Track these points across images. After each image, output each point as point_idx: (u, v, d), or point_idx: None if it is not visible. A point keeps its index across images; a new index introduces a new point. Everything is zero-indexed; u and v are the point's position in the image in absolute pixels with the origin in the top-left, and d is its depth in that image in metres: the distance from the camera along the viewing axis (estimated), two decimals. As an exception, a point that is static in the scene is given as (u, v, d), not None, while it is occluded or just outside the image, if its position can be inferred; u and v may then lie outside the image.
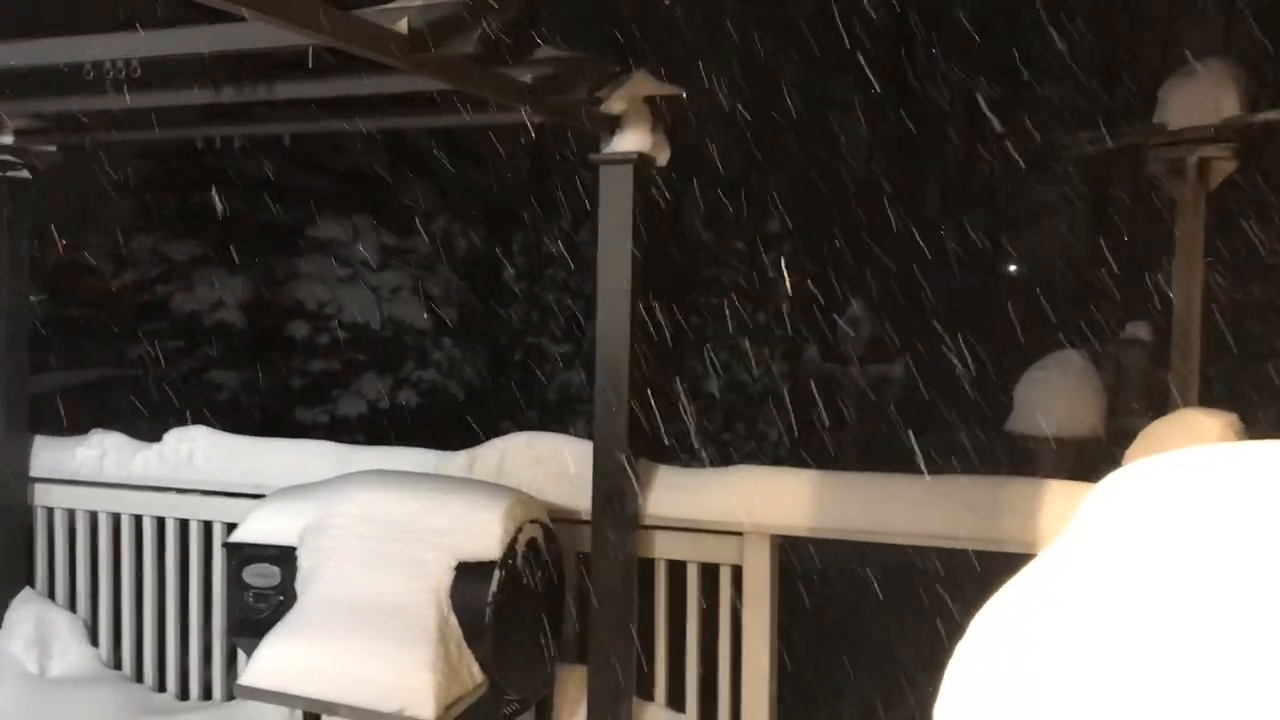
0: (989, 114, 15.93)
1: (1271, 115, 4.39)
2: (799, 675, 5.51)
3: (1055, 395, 6.13)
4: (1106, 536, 1.92)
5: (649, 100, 3.77)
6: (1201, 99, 4.44)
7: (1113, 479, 2.09)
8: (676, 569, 4.06)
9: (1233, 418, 3.52)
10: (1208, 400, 4.30)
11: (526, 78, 3.21)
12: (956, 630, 1.98)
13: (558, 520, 3.94)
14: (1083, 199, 17.00)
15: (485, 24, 2.91)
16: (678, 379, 14.00)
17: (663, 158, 3.83)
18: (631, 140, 3.68)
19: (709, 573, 4.02)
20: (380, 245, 11.98)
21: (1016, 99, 16.70)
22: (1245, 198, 11.09)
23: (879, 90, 16.19)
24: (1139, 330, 7.94)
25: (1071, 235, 16.93)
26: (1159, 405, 4.54)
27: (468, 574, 3.43)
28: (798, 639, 5.85)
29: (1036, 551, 2.23)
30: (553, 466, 4.17)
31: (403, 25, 2.55)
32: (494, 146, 13.97)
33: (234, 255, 10.98)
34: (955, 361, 11.69)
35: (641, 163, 3.70)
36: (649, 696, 4.08)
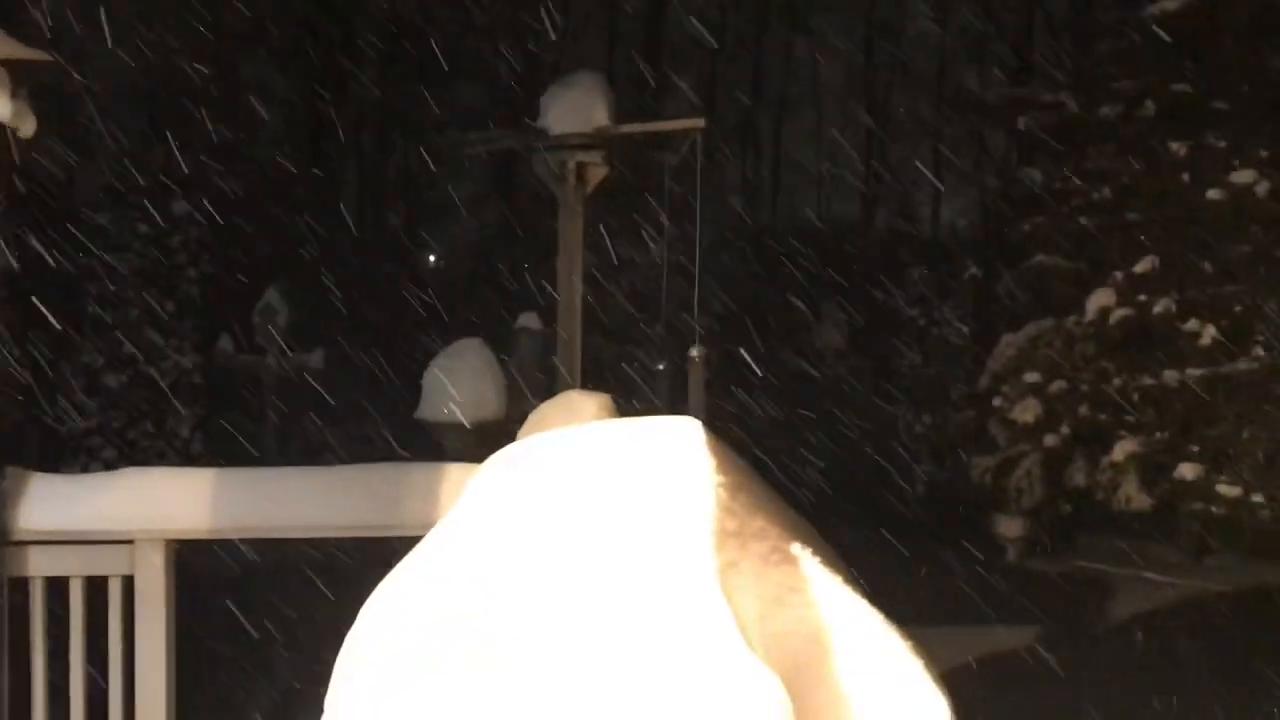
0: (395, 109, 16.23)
1: (635, 128, 4.94)
2: (208, 685, 5.26)
3: (458, 381, 6.44)
4: (480, 513, 2.02)
5: (10, 64, 3.36)
6: (577, 108, 4.87)
7: (493, 459, 2.21)
8: (58, 586, 3.68)
9: (606, 398, 3.87)
10: (590, 382, 4.74)
11: None
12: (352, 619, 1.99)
13: (-97, 544, 3.40)
14: (489, 196, 17.93)
15: None
16: (72, 375, 12.74)
17: (27, 128, 3.42)
18: (-16, 107, 3.25)
19: (97, 587, 3.69)
20: None
21: (428, 97, 17.17)
22: (625, 202, 12.36)
23: (298, 77, 15.87)
24: (530, 320, 8.60)
25: (481, 229, 17.78)
26: (550, 387, 4.94)
27: None
28: (208, 646, 5.58)
29: (422, 535, 2.29)
30: (-103, 482, 3.59)
31: None
32: None
33: None
34: (372, 350, 11.78)
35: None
36: (27, 730, 3.67)
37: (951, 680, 1.77)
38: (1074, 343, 11.79)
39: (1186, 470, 10.20)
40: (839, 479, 12.18)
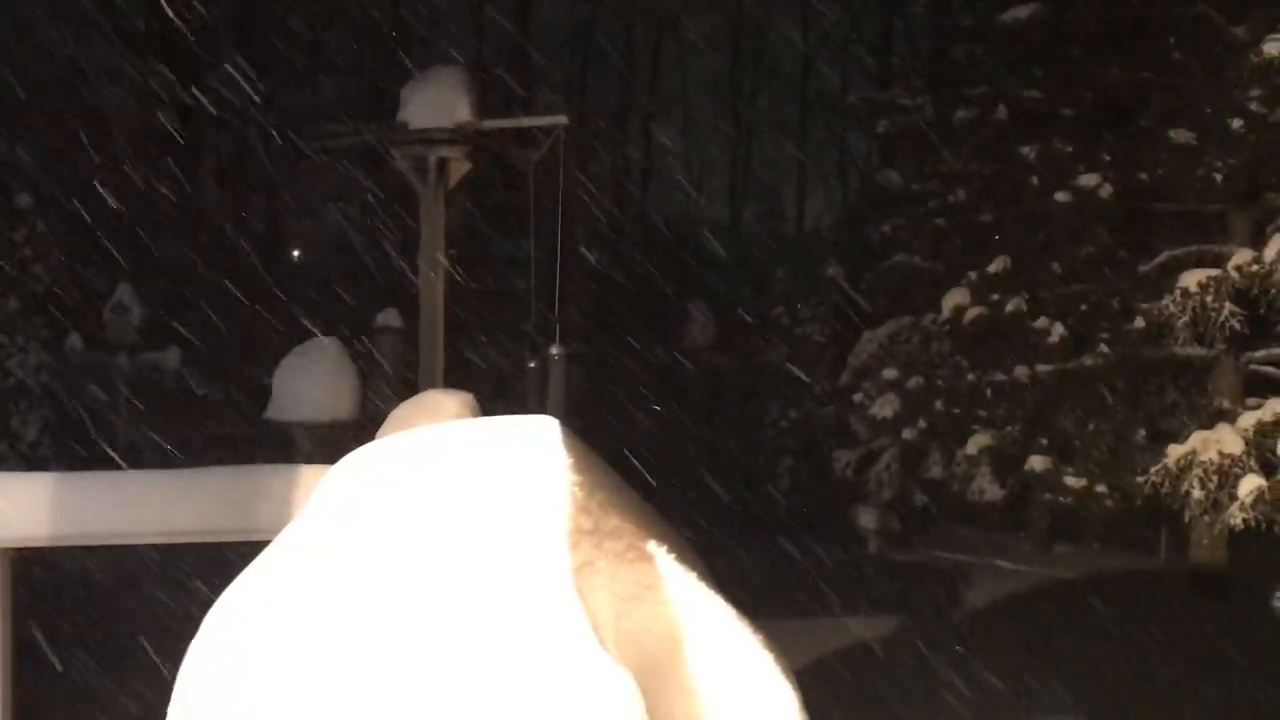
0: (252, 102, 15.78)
1: (497, 124, 4.88)
2: (49, 699, 5.04)
3: (311, 381, 6.26)
4: (330, 517, 1.97)
5: None
6: (438, 102, 4.79)
7: (345, 460, 2.16)
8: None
9: (469, 397, 3.82)
10: (453, 380, 4.67)
11: None
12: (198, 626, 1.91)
13: None
14: (353, 191, 17.56)
15: None
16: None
17: None
18: None
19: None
20: None
21: (286, 91, 16.76)
22: (487, 197, 12.25)
23: (154, 69, 15.30)
24: (390, 318, 8.44)
25: (343, 225, 17.40)
26: (411, 386, 4.84)
27: None
28: (48, 658, 5.34)
29: (273, 539, 2.22)
30: None
31: None
32: None
33: None
34: (229, 348, 11.43)
35: None
36: None
37: (812, 671, 1.80)
38: (930, 340, 12.14)
39: (1036, 462, 10.59)
40: (704, 474, 12.32)
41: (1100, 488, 10.18)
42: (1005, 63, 11.58)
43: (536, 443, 1.87)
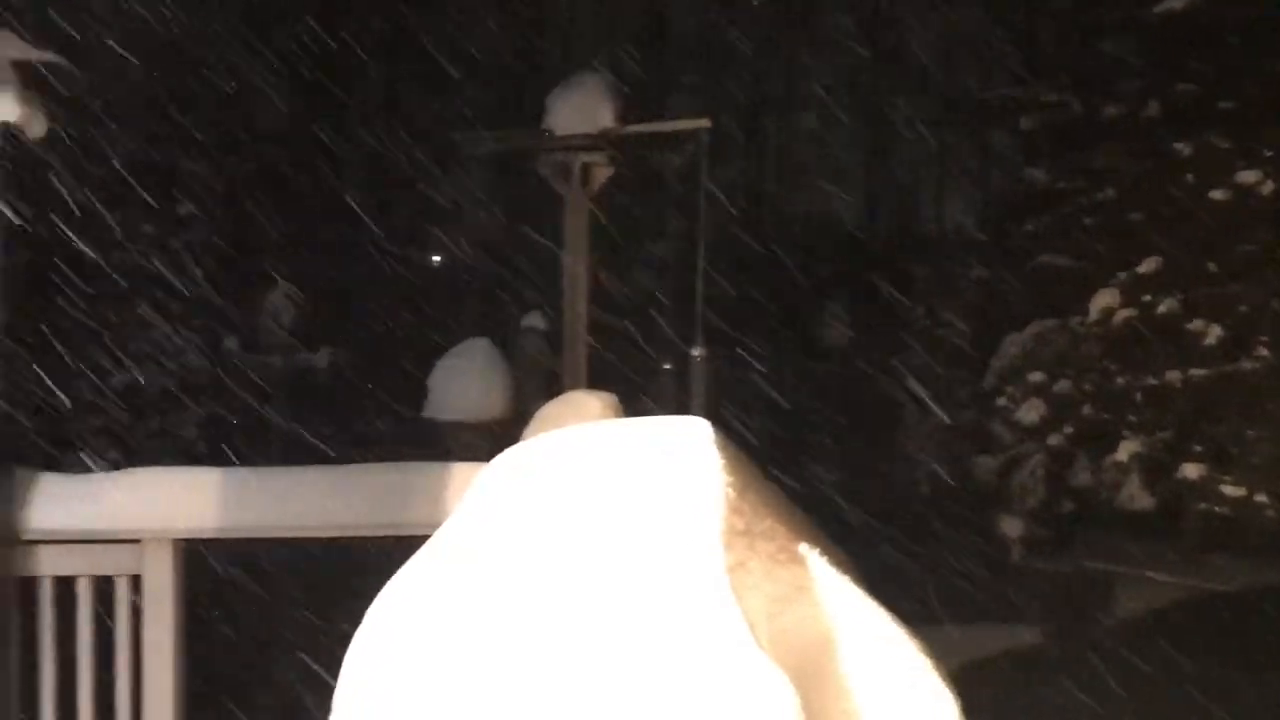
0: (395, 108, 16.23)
1: (640, 128, 4.96)
2: (213, 686, 5.27)
3: (466, 381, 6.46)
4: (487, 514, 2.03)
5: (18, 66, 3.38)
6: (582, 109, 4.89)
7: (500, 458, 2.22)
8: (66, 585, 3.69)
9: (613, 398, 3.87)
10: (595, 381, 4.75)
11: None
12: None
13: (-88, 543, 3.41)
14: (495, 195, 17.91)
15: None
16: (77, 375, 12.75)
17: (36, 130, 3.45)
18: (-5, 109, 3.28)
19: (105, 587, 3.70)
20: None
21: (427, 96, 17.18)
22: (631, 201, 12.37)
23: (303, 78, 15.87)
24: (534, 320, 8.66)
25: (486, 228, 17.78)
26: (555, 387, 4.95)
27: None
28: (212, 647, 5.59)
29: (432, 534, 2.29)
30: (-96, 482, 3.60)
31: None
32: None
33: None
34: (377, 349, 11.80)
35: (8, 133, 3.32)
36: (35, 728, 3.68)
37: (957, 679, 1.78)
38: (1078, 343, 11.79)
39: (1190, 470, 10.21)
40: (843, 479, 12.20)
41: (1260, 497, 9.76)
42: (1158, 56, 11.18)
43: (688, 442, 1.88)
